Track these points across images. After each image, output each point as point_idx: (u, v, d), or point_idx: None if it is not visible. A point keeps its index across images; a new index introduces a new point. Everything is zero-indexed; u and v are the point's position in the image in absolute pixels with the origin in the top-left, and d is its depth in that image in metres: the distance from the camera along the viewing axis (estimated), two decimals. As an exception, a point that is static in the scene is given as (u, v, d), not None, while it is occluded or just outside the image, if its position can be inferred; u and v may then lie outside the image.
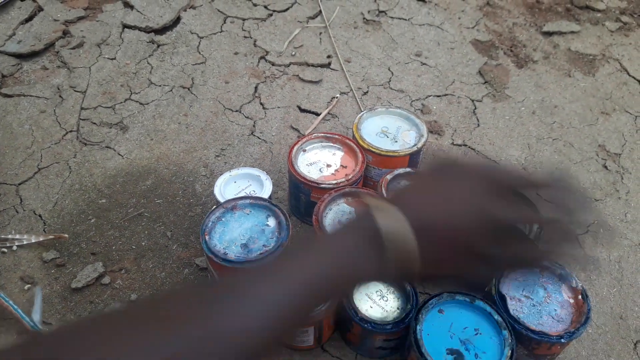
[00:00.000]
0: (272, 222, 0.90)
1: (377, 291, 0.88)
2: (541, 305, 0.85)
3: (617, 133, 1.33)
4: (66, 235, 1.03)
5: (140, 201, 1.11)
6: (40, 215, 1.07)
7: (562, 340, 0.81)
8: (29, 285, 0.96)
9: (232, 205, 0.91)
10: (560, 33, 1.60)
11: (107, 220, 1.07)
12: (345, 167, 1.02)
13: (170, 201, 1.11)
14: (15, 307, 0.90)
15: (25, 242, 1.01)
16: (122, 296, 0.96)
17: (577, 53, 1.55)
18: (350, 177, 0.99)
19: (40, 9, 1.54)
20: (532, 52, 1.54)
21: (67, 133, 1.23)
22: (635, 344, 0.95)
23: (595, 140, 1.30)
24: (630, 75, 1.48)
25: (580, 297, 0.86)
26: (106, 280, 0.98)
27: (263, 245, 0.87)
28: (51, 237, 1.02)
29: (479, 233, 0.52)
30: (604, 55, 1.54)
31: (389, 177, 1.02)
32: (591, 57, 1.54)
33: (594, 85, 1.45)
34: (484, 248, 0.53)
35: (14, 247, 1.01)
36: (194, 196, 1.12)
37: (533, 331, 0.81)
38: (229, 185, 1.02)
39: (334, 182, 0.98)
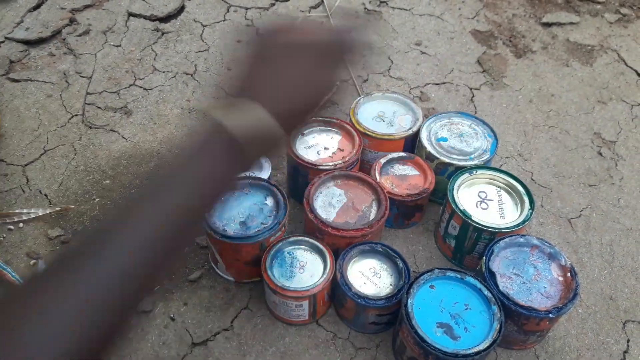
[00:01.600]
0: (270, 201, 0.93)
1: (370, 268, 0.91)
2: (531, 283, 0.88)
3: (612, 121, 1.34)
4: (73, 207, 1.06)
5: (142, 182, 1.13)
6: (45, 195, 1.10)
7: (550, 316, 0.83)
8: (34, 261, 0.99)
9: (231, 183, 0.93)
10: (559, 24, 1.62)
11: (110, 200, 1.10)
12: (343, 150, 1.05)
13: (172, 182, 1.14)
14: (16, 277, 0.94)
15: (33, 216, 1.05)
16: (124, 272, 0.99)
17: (575, 44, 1.56)
18: (347, 159, 1.01)
19: (48, -2, 1.57)
20: (531, 42, 1.56)
21: (72, 117, 1.26)
22: (624, 324, 0.97)
23: (591, 128, 1.32)
24: (627, 66, 1.50)
25: (569, 274, 0.88)
26: (109, 257, 1.00)
27: (261, 223, 0.90)
28: (58, 209, 1.06)
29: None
30: (602, 46, 1.56)
31: (382, 160, 1.04)
32: (589, 47, 1.55)
33: (591, 75, 1.47)
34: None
35: (21, 225, 1.04)
36: (195, 178, 1.15)
37: (522, 306, 0.83)
38: (229, 166, 1.05)
39: (332, 164, 1.00)
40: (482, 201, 0.99)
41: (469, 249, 0.99)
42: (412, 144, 1.10)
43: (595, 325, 0.97)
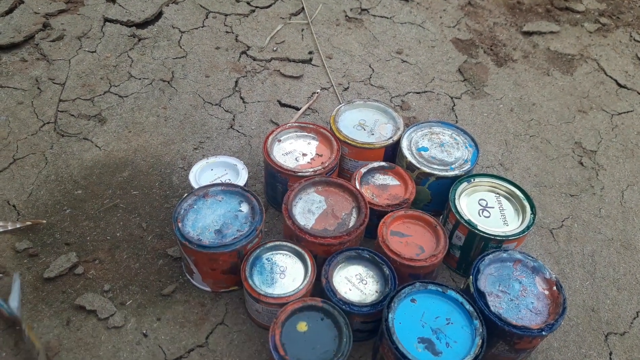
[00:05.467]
0: (245, 207, 0.90)
1: (356, 275, 0.89)
2: (518, 299, 0.86)
3: (593, 131, 1.34)
4: (44, 221, 1.02)
5: (116, 192, 1.10)
6: (14, 206, 1.06)
7: (543, 333, 0.81)
8: (1, 275, 0.95)
9: (204, 193, 0.91)
10: (540, 33, 1.62)
11: (82, 211, 1.06)
12: (321, 155, 1.03)
13: (147, 193, 1.10)
14: (5, 306, 0.89)
15: (1, 230, 1.00)
16: (95, 286, 0.95)
17: (556, 53, 1.56)
18: (326, 164, 0.99)
19: (21, 2, 1.53)
20: (512, 51, 1.56)
21: (44, 124, 1.22)
22: (606, 336, 0.96)
23: (572, 138, 1.32)
24: (607, 75, 1.50)
25: (554, 288, 0.86)
26: (79, 270, 0.97)
27: (237, 230, 0.87)
28: (28, 223, 1.02)
29: None
30: (582, 55, 1.56)
31: (363, 170, 1.02)
32: (570, 56, 1.55)
33: (571, 84, 1.47)
34: None
35: (-14, 237, 1.00)
36: (171, 188, 1.11)
37: (515, 326, 0.81)
38: (205, 173, 1.02)
39: (311, 169, 0.98)
40: (484, 209, 0.98)
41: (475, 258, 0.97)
42: (392, 153, 1.08)
43: (578, 337, 0.95)
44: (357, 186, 0.98)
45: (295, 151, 1.03)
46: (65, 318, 0.90)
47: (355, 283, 0.88)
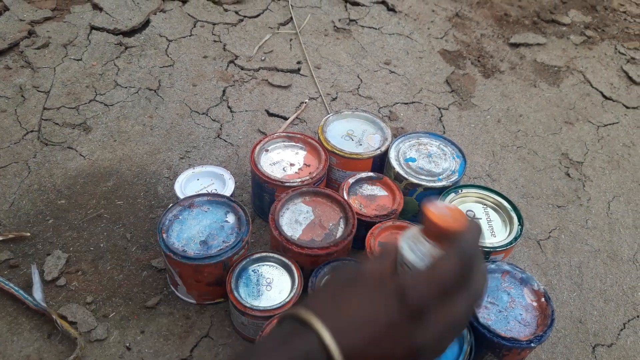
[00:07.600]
0: (231, 218, 0.89)
1: None
2: (507, 311, 0.85)
3: (579, 142, 1.35)
4: (28, 234, 1.00)
5: (100, 202, 1.08)
6: (-5, 215, 1.04)
7: (532, 345, 0.81)
8: (-20, 286, 0.93)
9: (190, 203, 0.89)
10: (527, 45, 1.63)
11: (65, 221, 1.04)
12: (309, 165, 1.02)
13: (132, 203, 1.09)
14: (17, 288, 0.91)
15: None
16: (77, 298, 0.93)
17: (542, 64, 1.58)
18: (314, 175, 0.99)
19: (6, 9, 1.51)
20: (499, 62, 1.57)
21: (27, 133, 1.20)
22: (593, 348, 0.96)
23: (559, 149, 1.33)
24: (593, 87, 1.52)
25: (543, 299, 0.86)
26: (62, 281, 0.95)
27: (223, 242, 0.86)
28: (11, 235, 0.99)
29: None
30: (568, 67, 1.58)
31: (351, 180, 1.02)
32: (556, 68, 1.57)
33: (558, 95, 1.48)
34: None
35: (-34, 247, 0.98)
36: (156, 198, 1.10)
37: (504, 338, 0.80)
38: (191, 183, 1.01)
39: (299, 180, 0.97)
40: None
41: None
42: (380, 163, 1.07)
43: (565, 349, 0.95)
44: (345, 197, 0.98)
45: (283, 161, 1.02)
46: (46, 331, 0.88)
47: None
